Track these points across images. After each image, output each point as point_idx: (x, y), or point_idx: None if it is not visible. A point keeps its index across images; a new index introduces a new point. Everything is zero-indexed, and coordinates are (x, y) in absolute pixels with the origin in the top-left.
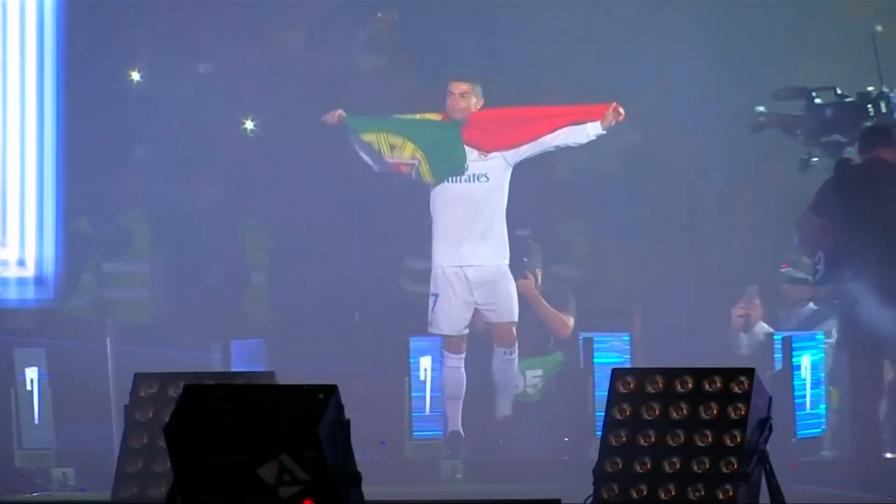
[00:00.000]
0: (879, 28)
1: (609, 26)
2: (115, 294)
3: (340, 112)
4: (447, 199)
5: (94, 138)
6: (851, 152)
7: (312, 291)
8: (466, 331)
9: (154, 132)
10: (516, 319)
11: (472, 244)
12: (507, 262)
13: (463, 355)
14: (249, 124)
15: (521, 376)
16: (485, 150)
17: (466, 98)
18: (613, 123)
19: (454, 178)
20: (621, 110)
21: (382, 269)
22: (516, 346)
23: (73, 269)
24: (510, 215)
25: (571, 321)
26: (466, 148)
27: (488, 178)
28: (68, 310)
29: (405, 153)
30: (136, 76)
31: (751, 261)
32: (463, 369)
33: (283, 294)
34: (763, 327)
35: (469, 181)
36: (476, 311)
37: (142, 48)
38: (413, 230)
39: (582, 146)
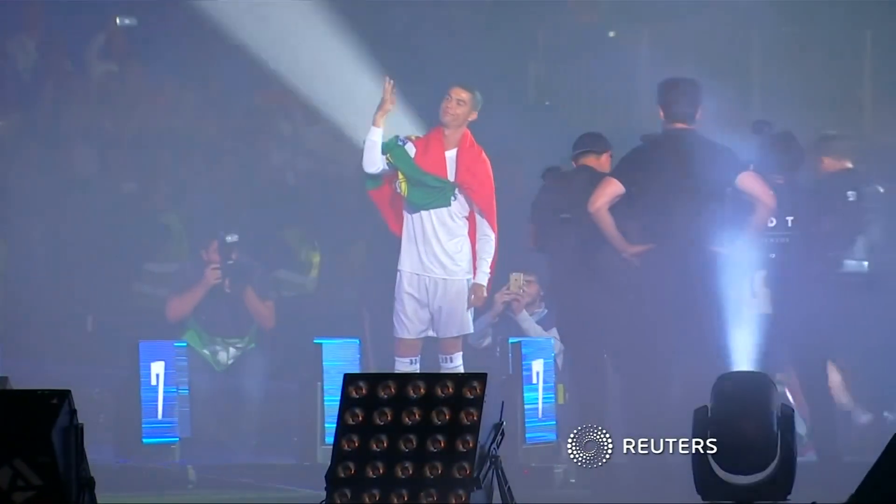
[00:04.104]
0: (612, 34)
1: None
2: None
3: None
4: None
5: None
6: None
7: (47, 296)
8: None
9: None
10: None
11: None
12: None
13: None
14: None
15: (225, 352)
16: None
17: (462, 106)
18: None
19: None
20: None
21: (117, 272)
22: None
23: None
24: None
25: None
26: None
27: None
28: None
29: (401, 187)
30: None
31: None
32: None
33: (18, 299)
34: (525, 315)
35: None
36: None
37: None
38: (154, 233)
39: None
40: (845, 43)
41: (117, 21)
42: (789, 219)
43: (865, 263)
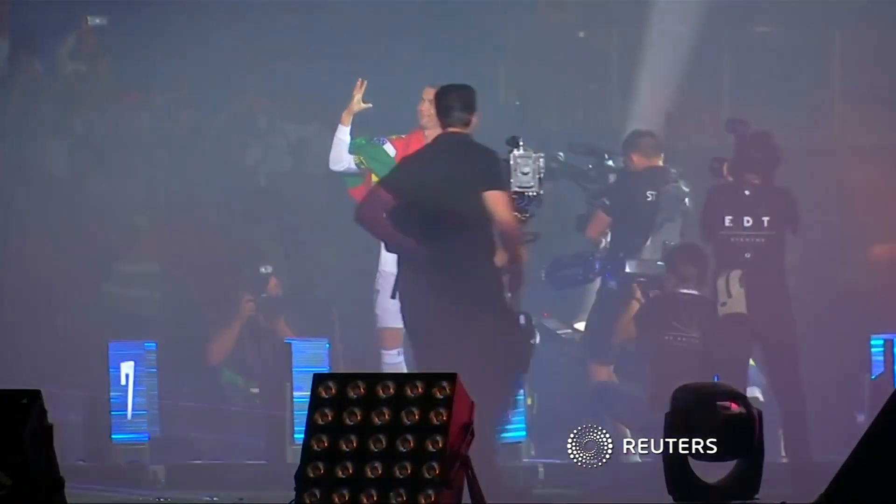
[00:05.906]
0: (582, 34)
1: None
2: None
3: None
4: None
5: None
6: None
7: (16, 295)
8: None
9: None
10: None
11: None
12: None
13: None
14: None
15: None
16: None
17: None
18: None
19: None
20: None
21: (86, 272)
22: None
23: None
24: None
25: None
26: None
27: None
28: None
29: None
30: None
31: None
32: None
33: None
34: None
35: None
36: None
37: None
38: (124, 233)
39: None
40: (815, 43)
41: (87, 21)
42: (765, 219)
43: (660, 263)
